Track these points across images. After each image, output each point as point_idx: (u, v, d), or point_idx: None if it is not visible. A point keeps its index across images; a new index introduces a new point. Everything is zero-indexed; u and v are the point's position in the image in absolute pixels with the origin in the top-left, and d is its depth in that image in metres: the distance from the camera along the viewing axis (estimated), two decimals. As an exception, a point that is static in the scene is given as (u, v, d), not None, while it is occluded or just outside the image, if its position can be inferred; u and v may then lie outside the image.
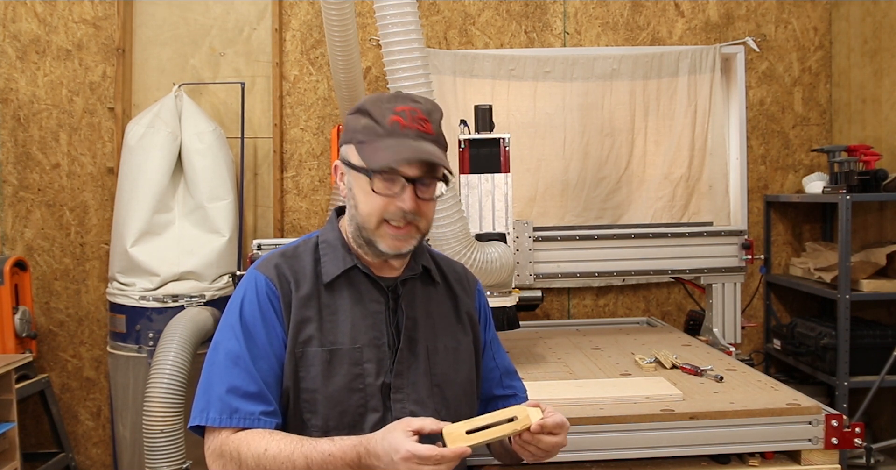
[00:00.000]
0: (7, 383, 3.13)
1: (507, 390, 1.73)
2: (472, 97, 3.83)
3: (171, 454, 2.76)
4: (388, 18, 2.28)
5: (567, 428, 1.42)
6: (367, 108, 1.48)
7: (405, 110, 1.46)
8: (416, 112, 1.47)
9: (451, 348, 1.58)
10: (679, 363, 2.48)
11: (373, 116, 1.47)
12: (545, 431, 1.39)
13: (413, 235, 1.49)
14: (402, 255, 1.51)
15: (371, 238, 1.48)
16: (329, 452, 1.37)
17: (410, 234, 1.48)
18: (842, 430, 1.99)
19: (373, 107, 1.48)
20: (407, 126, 1.45)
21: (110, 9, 3.80)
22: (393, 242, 1.47)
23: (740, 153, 4.02)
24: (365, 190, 1.46)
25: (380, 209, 1.45)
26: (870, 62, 3.76)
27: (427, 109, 1.49)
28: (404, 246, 1.48)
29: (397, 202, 1.44)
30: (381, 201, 1.45)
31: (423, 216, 1.48)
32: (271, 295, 1.49)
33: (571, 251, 2.99)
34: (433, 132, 1.48)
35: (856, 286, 3.44)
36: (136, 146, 3.42)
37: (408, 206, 1.44)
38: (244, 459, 1.41)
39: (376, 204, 1.45)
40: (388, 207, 1.45)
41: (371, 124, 1.47)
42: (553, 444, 1.41)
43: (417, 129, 1.46)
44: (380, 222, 1.46)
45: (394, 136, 1.45)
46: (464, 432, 1.31)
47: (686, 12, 4.00)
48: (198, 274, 3.38)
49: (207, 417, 1.44)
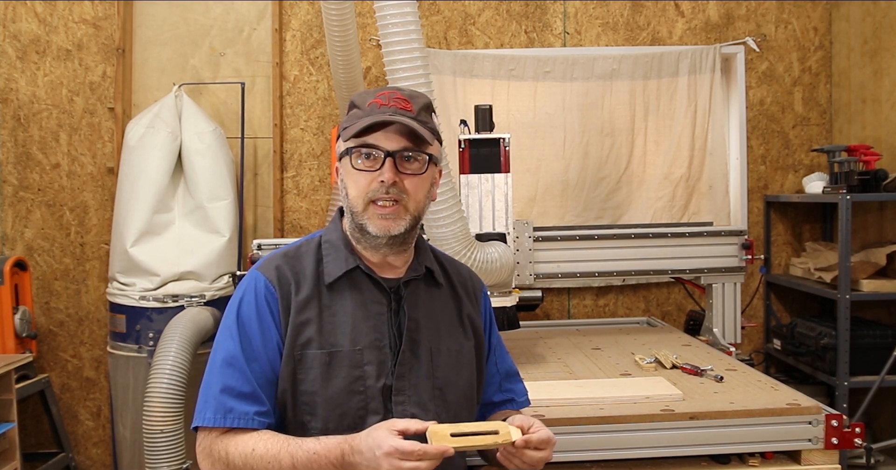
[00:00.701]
0: (7, 383, 3.13)
1: (506, 394, 1.72)
2: (472, 97, 3.83)
3: (171, 454, 2.76)
4: (388, 18, 2.28)
5: (553, 444, 1.43)
6: (353, 100, 1.54)
7: (385, 94, 1.50)
8: (395, 94, 1.50)
9: (453, 351, 1.58)
10: (679, 363, 2.48)
11: (357, 105, 1.52)
12: (531, 447, 1.39)
13: (401, 216, 1.47)
14: (392, 238, 1.48)
15: (361, 222, 1.48)
16: (314, 451, 1.37)
17: (398, 213, 1.47)
18: (842, 430, 1.99)
19: (358, 97, 1.53)
20: (384, 104, 1.47)
21: (110, 9, 3.80)
22: (380, 222, 1.46)
23: (740, 153, 4.02)
24: (349, 172, 1.48)
25: (364, 187, 1.46)
26: (870, 62, 3.76)
27: (409, 94, 1.51)
28: (393, 227, 1.47)
29: (379, 177, 1.45)
30: (365, 179, 1.46)
31: (409, 195, 1.47)
32: (269, 297, 1.49)
33: (571, 251, 2.99)
34: (413, 110, 1.48)
35: (856, 286, 3.44)
36: (136, 146, 3.42)
37: (386, 176, 1.44)
38: (232, 459, 1.42)
39: (360, 183, 1.46)
40: (372, 184, 1.45)
41: (355, 111, 1.51)
42: (538, 459, 1.41)
43: (395, 107, 1.47)
44: (367, 204, 1.46)
45: (371, 114, 1.47)
46: (448, 434, 1.32)
47: (686, 12, 4.00)
48: (198, 274, 3.38)
49: (204, 418, 1.45)
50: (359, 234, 1.50)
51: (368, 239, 1.49)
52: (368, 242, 1.50)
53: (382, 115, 1.45)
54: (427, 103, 1.53)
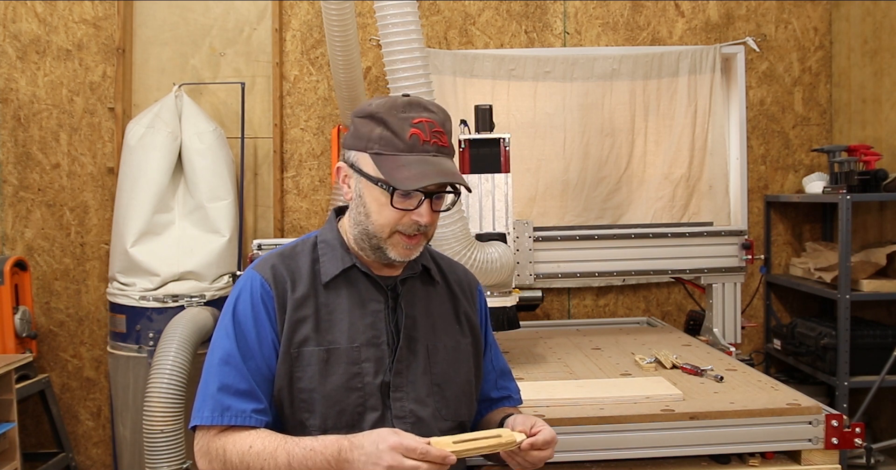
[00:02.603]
0: (7, 383, 3.13)
1: (502, 392, 1.75)
2: (472, 97, 3.83)
3: (171, 454, 2.76)
4: (388, 18, 2.28)
5: (555, 443, 1.47)
6: (382, 117, 1.45)
7: (423, 123, 1.45)
8: (433, 125, 1.46)
9: (450, 348, 1.59)
10: (679, 363, 2.48)
11: (390, 127, 1.45)
12: (535, 448, 1.44)
13: (422, 243, 1.52)
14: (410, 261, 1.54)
15: (381, 246, 1.49)
16: (311, 447, 1.38)
17: (420, 242, 1.51)
18: (842, 430, 1.99)
19: (388, 116, 1.45)
20: (426, 141, 1.45)
21: (110, 9, 3.80)
22: (404, 251, 1.49)
23: (740, 153, 4.02)
24: (380, 202, 1.46)
25: (394, 221, 1.47)
26: (870, 62, 3.76)
27: (441, 120, 1.49)
28: (413, 254, 1.51)
29: (413, 216, 1.46)
30: (398, 215, 1.46)
31: (433, 225, 1.52)
32: (265, 296, 1.50)
33: (571, 251, 2.99)
34: (448, 145, 1.50)
35: (856, 286, 3.44)
36: (136, 146, 3.42)
37: (425, 220, 1.46)
38: (229, 456, 1.42)
39: (392, 217, 1.46)
40: (403, 220, 1.46)
41: (388, 136, 1.45)
42: (540, 458, 1.46)
43: (436, 144, 1.46)
44: (392, 233, 1.48)
45: (414, 151, 1.44)
46: (451, 442, 1.34)
47: (686, 12, 4.00)
48: (198, 274, 3.38)
49: (202, 416, 1.45)
50: (371, 251, 1.51)
51: (382, 259, 1.52)
52: (381, 260, 1.52)
53: (428, 159, 1.44)
54: (451, 125, 1.53)
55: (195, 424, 1.47)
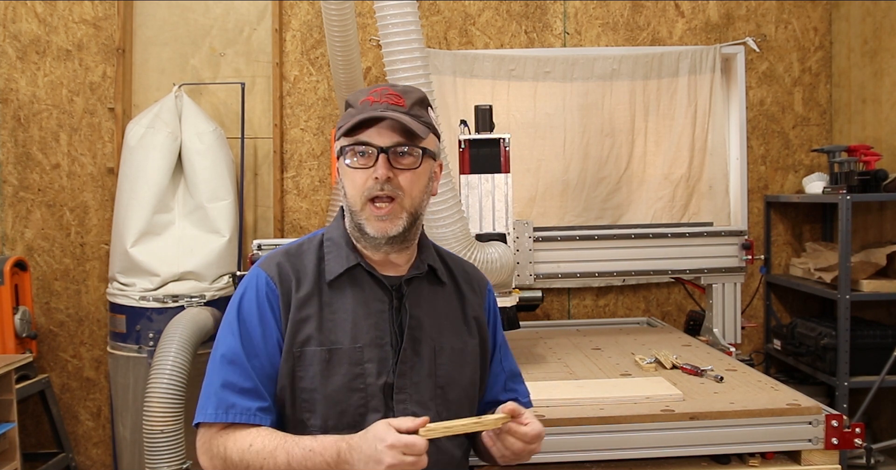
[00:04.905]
0: (7, 383, 3.13)
1: (510, 394, 1.71)
2: (472, 97, 3.83)
3: (171, 454, 2.76)
4: (388, 18, 2.28)
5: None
6: (348, 99, 1.54)
7: (377, 90, 1.49)
8: (387, 90, 1.49)
9: (456, 349, 1.57)
10: (679, 363, 2.48)
11: (351, 103, 1.52)
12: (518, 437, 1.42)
13: (398, 215, 1.47)
14: (391, 238, 1.48)
15: (360, 222, 1.48)
16: (310, 448, 1.37)
17: (394, 213, 1.46)
18: (842, 430, 1.99)
19: (353, 96, 1.53)
20: (376, 101, 1.47)
21: (110, 9, 3.80)
22: (378, 224, 1.46)
23: (740, 153, 4.02)
24: (345, 170, 1.48)
25: (360, 185, 1.46)
26: (870, 62, 3.76)
27: (402, 89, 1.51)
28: (390, 228, 1.46)
29: (373, 174, 1.45)
30: (360, 177, 1.45)
31: (404, 191, 1.46)
32: (270, 294, 1.49)
33: (571, 251, 2.99)
34: (405, 105, 1.48)
35: (856, 286, 3.44)
36: (136, 146, 3.42)
37: (380, 173, 1.43)
38: (229, 454, 1.42)
39: (357, 181, 1.46)
40: (367, 182, 1.45)
41: (349, 110, 1.51)
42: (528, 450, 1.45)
43: (387, 103, 1.47)
44: (364, 202, 1.46)
45: (364, 112, 1.46)
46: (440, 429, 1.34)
47: (686, 12, 4.00)
48: (198, 274, 3.38)
49: (206, 413, 1.45)
50: (358, 233, 1.51)
51: (368, 239, 1.49)
52: (368, 242, 1.50)
53: (373, 112, 1.45)
54: (421, 97, 1.52)
55: (199, 420, 1.47)
